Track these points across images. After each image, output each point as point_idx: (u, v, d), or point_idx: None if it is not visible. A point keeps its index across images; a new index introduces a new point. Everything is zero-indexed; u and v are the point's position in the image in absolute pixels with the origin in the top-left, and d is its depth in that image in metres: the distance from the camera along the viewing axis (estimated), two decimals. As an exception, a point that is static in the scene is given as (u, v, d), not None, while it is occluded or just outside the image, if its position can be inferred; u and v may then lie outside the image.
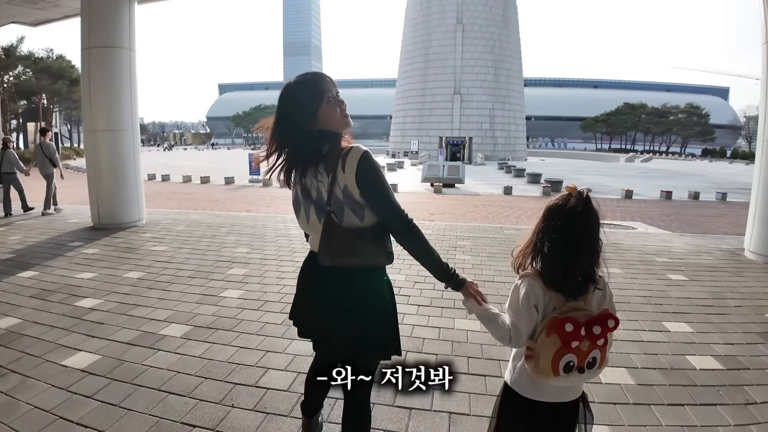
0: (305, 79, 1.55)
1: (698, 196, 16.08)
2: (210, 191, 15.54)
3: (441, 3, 48.24)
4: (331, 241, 1.47)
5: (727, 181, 26.96)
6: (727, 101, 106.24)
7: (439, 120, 48.39)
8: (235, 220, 8.23)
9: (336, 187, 1.47)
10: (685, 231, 8.96)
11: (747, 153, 71.92)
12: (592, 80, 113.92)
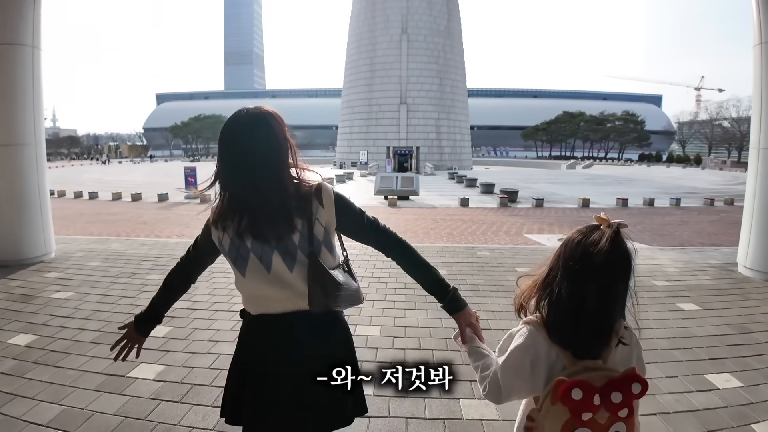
0: (271, 110, 1.40)
1: (653, 202, 16.34)
2: (140, 211, 13.83)
3: (385, 13, 48.16)
4: (324, 283, 1.32)
5: (672, 185, 27.82)
6: (660, 108, 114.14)
7: (386, 130, 48.19)
8: (163, 249, 6.94)
9: (317, 224, 1.35)
10: (662, 243, 8.73)
11: (682, 157, 77.42)
12: (531, 90, 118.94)
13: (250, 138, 1.34)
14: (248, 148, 1.33)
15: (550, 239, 8.75)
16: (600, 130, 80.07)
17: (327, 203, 1.37)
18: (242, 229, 1.33)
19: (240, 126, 1.36)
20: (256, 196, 1.32)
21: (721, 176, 41.21)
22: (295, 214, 1.33)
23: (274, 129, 1.37)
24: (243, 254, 1.34)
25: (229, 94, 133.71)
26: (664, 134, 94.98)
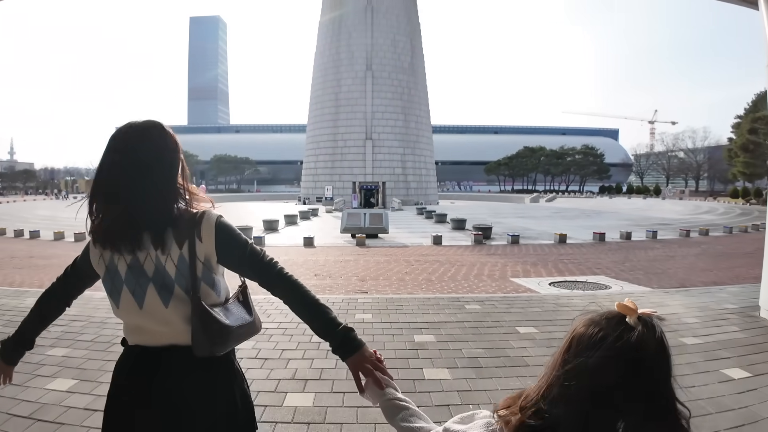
0: (160, 123, 1.33)
1: (630, 236, 16.00)
2: (78, 254, 12.06)
3: (350, 50, 48.45)
4: (207, 327, 1.23)
5: (640, 216, 28.34)
6: (617, 141, 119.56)
7: (351, 165, 47.68)
8: (83, 309, 5.51)
9: (197, 261, 1.26)
10: (662, 284, 8.03)
11: (641, 188, 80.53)
12: (492, 126, 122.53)
13: (134, 153, 1.26)
14: (132, 163, 1.25)
15: (540, 284, 7.82)
16: (560, 164, 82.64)
17: (206, 234, 1.27)
18: (116, 252, 1.26)
19: (124, 140, 1.28)
20: (134, 216, 1.24)
21: (684, 206, 42.54)
22: (172, 242, 1.25)
23: (160, 144, 1.29)
24: (117, 286, 1.26)
25: (191, 128, 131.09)
26: (622, 166, 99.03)
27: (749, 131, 47.60)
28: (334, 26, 49.57)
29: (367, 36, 47.91)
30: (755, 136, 46.83)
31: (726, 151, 60.05)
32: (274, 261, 1.34)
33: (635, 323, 0.74)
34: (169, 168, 1.31)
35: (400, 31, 49.56)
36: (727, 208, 39.50)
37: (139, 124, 1.32)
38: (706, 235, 17.94)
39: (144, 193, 1.25)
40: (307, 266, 9.64)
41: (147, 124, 1.32)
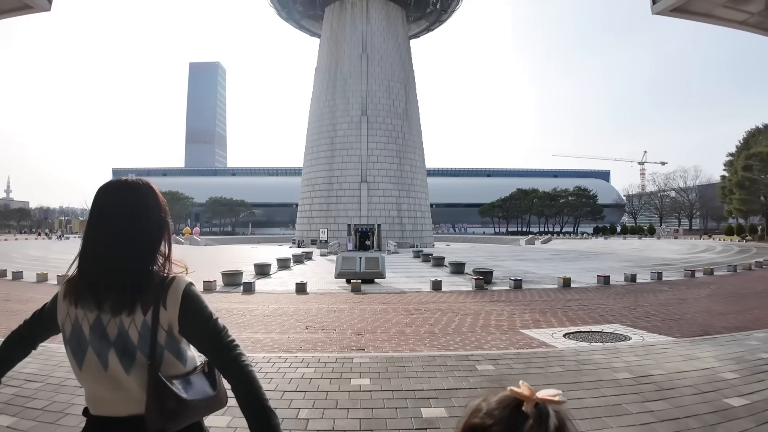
0: (147, 184, 1.35)
1: (635, 278, 15.41)
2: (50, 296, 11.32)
3: (346, 96, 49.33)
4: (164, 399, 1.19)
5: (640, 257, 28.14)
6: (609, 182, 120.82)
7: (347, 207, 47.55)
8: (45, 364, 4.77)
9: (159, 329, 1.24)
10: (683, 332, 7.41)
11: (635, 228, 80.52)
12: (485, 169, 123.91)
13: (118, 212, 1.28)
14: (114, 222, 1.27)
15: (554, 336, 7.14)
16: (554, 206, 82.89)
17: (172, 301, 1.25)
18: (81, 310, 1.25)
19: (109, 198, 1.30)
20: (109, 274, 1.25)
21: (680, 245, 42.36)
22: (138, 307, 1.24)
23: (142, 205, 1.30)
24: (82, 346, 1.23)
25: (187, 171, 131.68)
26: (615, 207, 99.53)
27: (744, 168, 48.04)
28: (330, 73, 50.72)
29: (362, 82, 48.94)
30: (750, 172, 47.25)
31: (720, 189, 60.63)
32: (234, 343, 1.28)
33: (531, 411, 0.63)
34: (149, 230, 1.30)
35: (394, 78, 50.73)
36: (725, 246, 39.34)
37: (125, 182, 1.33)
38: (711, 274, 17.65)
39: (118, 252, 1.25)
40: (298, 316, 8.91)
41: (132, 184, 1.33)
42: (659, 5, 4.91)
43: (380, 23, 50.69)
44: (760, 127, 55.38)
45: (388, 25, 51.36)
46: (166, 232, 1.34)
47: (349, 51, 49.93)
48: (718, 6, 4.96)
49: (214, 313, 1.31)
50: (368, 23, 49.90)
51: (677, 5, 4.68)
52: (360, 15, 50.02)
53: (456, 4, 55.62)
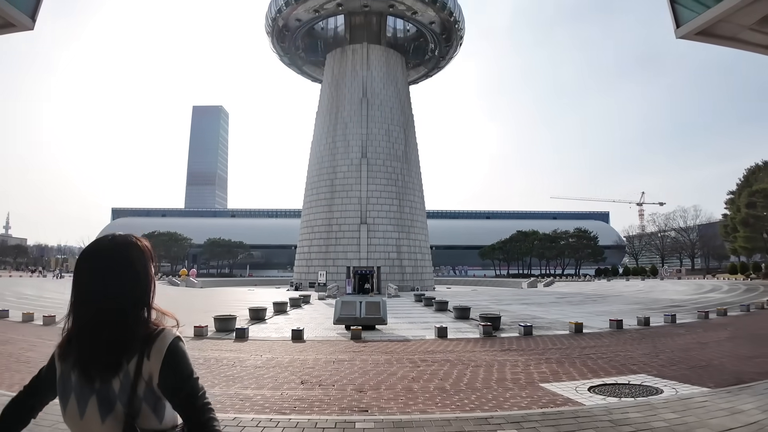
0: (133, 239, 1.40)
1: (648, 321, 14.73)
2: (37, 341, 11.21)
3: (346, 139, 49.78)
4: None
5: (647, 299, 27.55)
6: (608, 224, 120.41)
7: (346, 249, 46.88)
8: None
9: (141, 381, 1.27)
10: (714, 380, 6.81)
11: (638, 269, 79.50)
12: (485, 212, 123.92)
13: (106, 268, 1.32)
14: (100, 281, 1.30)
15: (579, 390, 6.40)
16: (554, 248, 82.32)
17: (155, 354, 1.27)
18: (73, 361, 1.28)
19: (98, 254, 1.34)
20: (98, 328, 1.28)
21: (686, 285, 41.57)
22: (124, 358, 1.26)
23: (133, 263, 1.35)
24: (67, 390, 1.26)
25: (187, 212, 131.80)
26: (615, 248, 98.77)
27: (747, 205, 47.80)
28: (331, 117, 51.46)
29: (362, 126, 49.54)
30: (754, 209, 47.00)
31: (722, 227, 60.33)
32: (208, 407, 1.29)
33: None
34: (134, 288, 1.34)
35: (394, 121, 51.44)
36: (731, 285, 38.85)
37: (109, 242, 1.37)
38: (725, 315, 17.26)
39: (105, 306, 1.29)
40: (294, 368, 8.14)
41: (118, 240, 1.37)
42: (683, 29, 4.52)
43: (380, 69, 51.94)
44: (760, 165, 55.68)
45: (388, 71, 52.62)
46: (152, 286, 1.38)
47: (350, 95, 50.87)
48: (745, 29, 4.64)
49: (195, 372, 1.30)
50: (369, 69, 51.11)
51: (702, 29, 4.32)
52: (361, 61, 51.31)
53: (453, 51, 57.22)
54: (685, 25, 4.40)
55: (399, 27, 56.03)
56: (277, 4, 49.04)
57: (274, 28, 51.78)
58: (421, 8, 49.03)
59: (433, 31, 53.25)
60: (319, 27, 55.11)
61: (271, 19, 50.82)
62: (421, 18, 51.05)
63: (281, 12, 49.31)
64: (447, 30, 52.95)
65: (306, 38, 55.37)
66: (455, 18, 51.05)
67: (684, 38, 4.64)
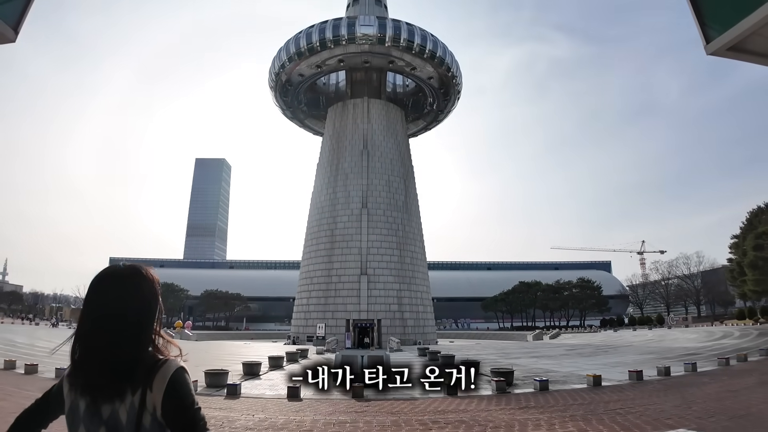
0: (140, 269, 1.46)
1: (669, 371, 13.98)
2: (13, 390, 10.57)
3: (347, 189, 49.93)
4: None
5: (660, 348, 26.90)
6: (611, 273, 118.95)
7: (345, 301, 45.65)
8: None
9: (146, 412, 1.29)
10: None
11: (643, 318, 77.55)
12: (485, 263, 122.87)
13: (113, 295, 1.36)
14: (109, 305, 1.35)
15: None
16: (558, 299, 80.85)
17: (158, 384, 1.30)
18: (80, 388, 1.32)
19: (109, 279, 1.39)
20: (105, 354, 1.31)
21: (696, 333, 40.77)
22: (128, 388, 1.30)
23: (141, 289, 1.40)
24: (75, 423, 1.30)
25: (186, 263, 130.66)
26: (619, 298, 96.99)
27: (755, 248, 47.10)
28: (332, 168, 51.92)
29: (363, 177, 49.85)
30: (762, 252, 46.25)
31: (728, 272, 59.52)
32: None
33: None
34: (141, 314, 1.38)
35: (394, 172, 51.86)
36: (742, 331, 38.18)
37: (120, 269, 1.43)
38: (745, 361, 16.88)
39: (111, 337, 1.32)
40: (288, 431, 7.25)
41: (127, 270, 1.42)
42: (714, 45, 4.17)
43: (380, 122, 53.02)
44: (763, 207, 55.60)
45: (388, 123, 53.71)
46: (158, 313, 1.43)
47: (351, 147, 51.60)
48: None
49: (197, 402, 1.32)
50: (369, 122, 52.18)
51: (733, 44, 3.99)
52: (362, 114, 52.49)
53: (451, 105, 58.74)
54: (714, 41, 3.99)
55: (399, 82, 57.89)
56: (281, 60, 50.84)
57: (277, 83, 53.41)
58: (420, 64, 50.79)
59: (431, 85, 54.93)
60: (321, 82, 56.88)
61: (274, 74, 52.53)
62: (419, 73, 52.79)
63: (284, 67, 51.05)
64: (445, 85, 54.61)
65: (308, 93, 57.00)
66: (453, 73, 52.77)
67: (715, 54, 4.25)
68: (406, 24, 48.68)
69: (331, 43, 48.01)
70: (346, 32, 47.57)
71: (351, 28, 47.70)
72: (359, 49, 48.56)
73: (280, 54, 51.00)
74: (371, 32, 47.58)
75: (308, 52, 49.03)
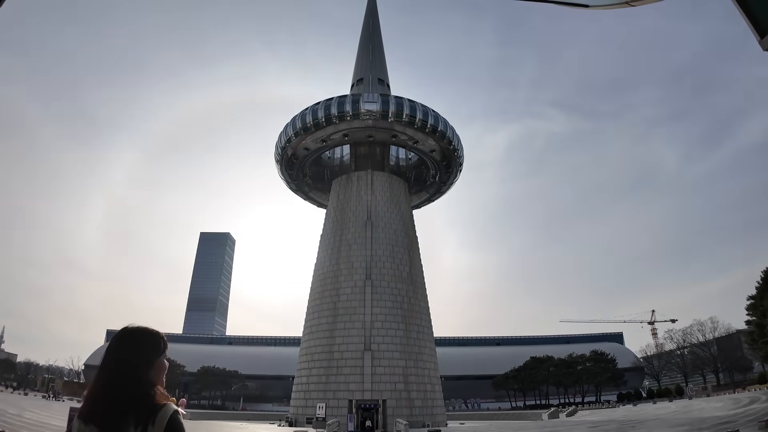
0: (149, 329, 1.90)
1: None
2: None
3: (350, 260, 49.25)
4: None
5: (691, 419, 25.77)
6: (623, 345, 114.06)
7: (348, 380, 43.05)
8: None
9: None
10: None
11: (662, 390, 73.16)
12: (494, 338, 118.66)
13: (123, 347, 1.80)
14: (118, 354, 1.77)
15: None
16: (571, 374, 77.02)
17: (159, 423, 1.56)
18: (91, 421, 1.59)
19: (125, 335, 1.84)
20: (112, 392, 1.67)
21: (721, 402, 39.27)
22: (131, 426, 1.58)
23: (144, 342, 1.83)
24: None
25: (183, 337, 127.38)
26: (634, 370, 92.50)
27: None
28: (335, 239, 51.65)
29: (366, 248, 49.37)
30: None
31: (747, 335, 56.77)
32: None
33: None
34: (141, 362, 1.77)
35: (398, 243, 51.43)
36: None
37: (131, 328, 1.88)
38: None
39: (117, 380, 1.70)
40: None
41: (138, 330, 1.88)
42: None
43: (384, 194, 53.55)
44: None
45: (392, 195, 54.22)
46: (160, 370, 1.83)
47: (354, 218, 51.68)
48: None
49: None
50: (373, 194, 52.70)
51: None
52: (365, 186, 53.16)
53: (453, 177, 59.69)
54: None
55: (401, 156, 59.43)
56: (287, 134, 52.56)
57: (283, 157, 54.82)
58: (422, 138, 52.29)
59: (433, 158, 56.20)
60: (325, 156, 58.43)
61: (280, 148, 54.07)
62: (422, 147, 54.21)
63: (290, 141, 52.66)
64: (447, 157, 55.86)
65: (313, 166, 58.36)
66: (454, 146, 54.17)
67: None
68: (408, 100, 50.84)
69: (336, 119, 49.86)
70: (350, 108, 49.56)
71: (355, 104, 49.79)
72: (363, 124, 50.32)
73: (287, 129, 52.85)
74: (375, 108, 49.55)
75: (314, 127, 50.80)
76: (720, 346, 79.61)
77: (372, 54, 64.04)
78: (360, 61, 64.60)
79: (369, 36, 66.94)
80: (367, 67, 62.49)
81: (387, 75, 64.48)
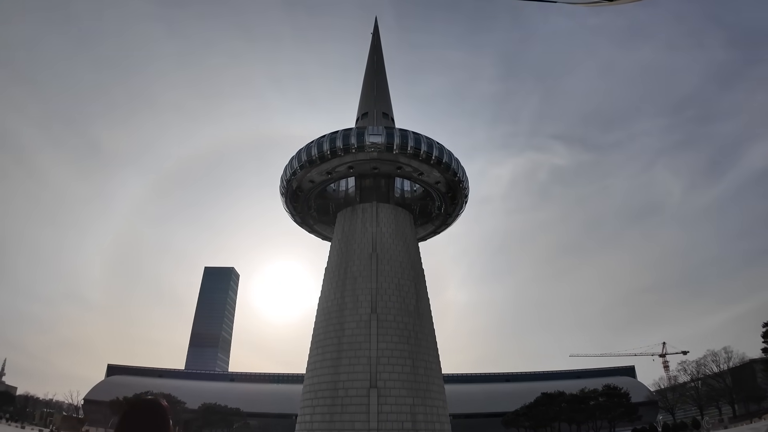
0: (157, 403, 2.35)
1: None
2: None
3: (355, 293, 48.32)
4: None
5: None
6: (636, 378, 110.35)
7: (353, 419, 41.39)
8: None
9: None
10: None
11: (678, 424, 70.05)
12: (503, 374, 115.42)
13: (141, 419, 2.25)
14: (137, 423, 2.24)
15: None
16: (584, 410, 74.11)
17: None
18: None
19: (129, 409, 2.32)
20: None
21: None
22: None
23: (151, 417, 2.25)
24: None
25: (185, 374, 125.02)
26: (648, 405, 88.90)
27: None
28: (340, 271, 50.86)
29: (371, 280, 48.48)
30: None
31: (763, 363, 54.84)
32: None
33: None
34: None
35: (404, 275, 50.54)
36: None
37: (148, 399, 2.28)
38: None
39: None
40: None
41: (148, 403, 2.33)
42: None
43: (389, 226, 53.06)
44: None
45: (397, 227, 53.71)
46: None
47: (360, 251, 51.02)
48: None
49: None
50: (378, 226, 52.23)
51: None
52: (370, 219, 52.75)
53: (459, 208, 59.28)
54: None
55: (407, 188, 59.22)
56: (293, 167, 52.67)
57: (288, 189, 54.81)
58: (427, 170, 52.24)
59: (439, 190, 55.99)
60: (330, 188, 58.37)
61: (285, 180, 54.12)
62: (427, 178, 54.08)
63: (296, 174, 52.74)
64: (452, 189, 55.65)
65: (318, 199, 58.25)
66: (459, 177, 54.02)
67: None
68: (413, 133, 51.11)
69: (342, 151, 50.03)
70: (355, 141, 49.82)
71: (360, 137, 50.07)
72: (368, 156, 50.45)
73: (292, 162, 53.02)
74: (380, 140, 49.77)
75: (319, 160, 50.96)
76: (734, 377, 77.70)
77: (376, 89, 65.08)
78: (365, 96, 65.61)
79: (373, 71, 68.21)
80: (372, 101, 63.39)
81: (391, 109, 65.29)
